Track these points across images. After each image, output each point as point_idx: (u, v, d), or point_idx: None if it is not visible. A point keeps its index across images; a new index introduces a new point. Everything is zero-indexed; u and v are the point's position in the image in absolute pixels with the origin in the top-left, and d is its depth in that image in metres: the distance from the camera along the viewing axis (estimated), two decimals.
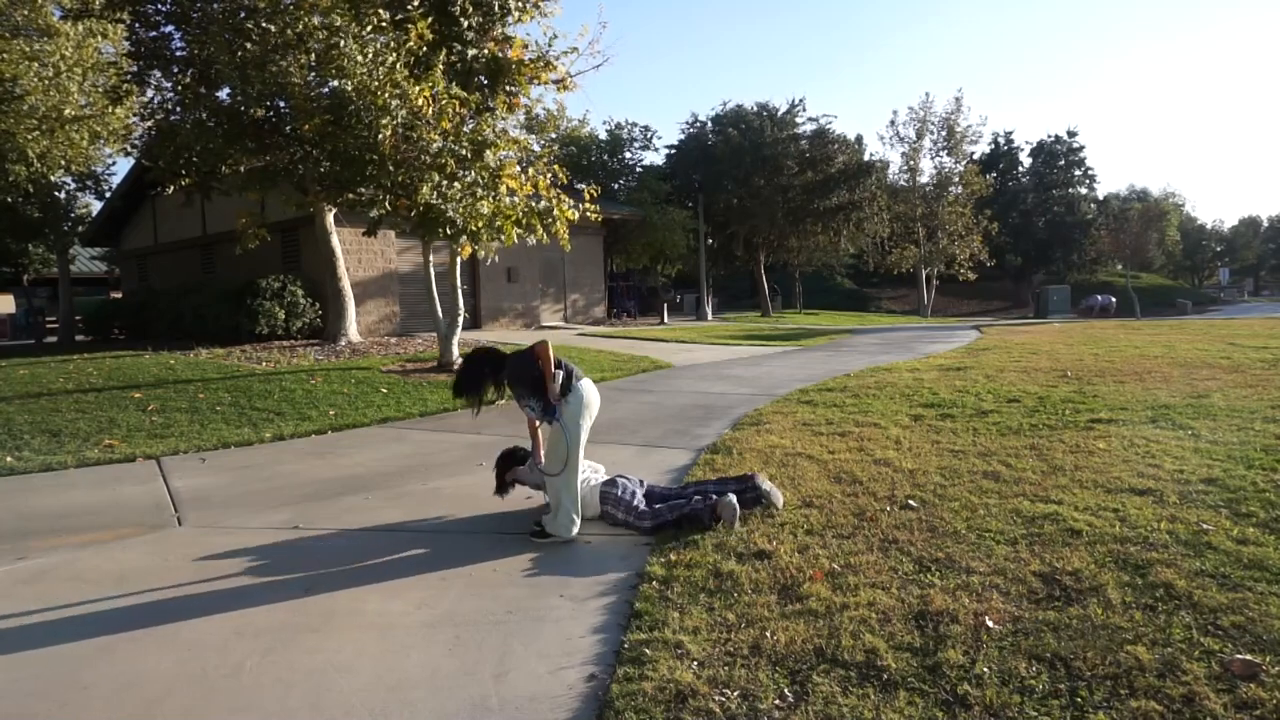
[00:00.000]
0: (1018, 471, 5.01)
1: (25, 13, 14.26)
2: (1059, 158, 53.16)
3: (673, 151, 33.13)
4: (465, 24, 10.35)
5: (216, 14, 10.05)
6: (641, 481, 4.57)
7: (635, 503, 4.31)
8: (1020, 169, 54.11)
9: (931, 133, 37.59)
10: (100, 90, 14.88)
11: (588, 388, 4.30)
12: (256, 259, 16.32)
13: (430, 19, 9.79)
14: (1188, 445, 5.48)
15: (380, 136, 9.18)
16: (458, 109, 9.79)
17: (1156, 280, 57.11)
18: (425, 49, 9.58)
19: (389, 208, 10.20)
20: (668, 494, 4.51)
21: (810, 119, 31.59)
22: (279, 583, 3.76)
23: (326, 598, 3.56)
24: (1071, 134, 53.60)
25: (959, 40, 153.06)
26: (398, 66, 9.14)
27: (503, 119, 11.23)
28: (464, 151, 9.84)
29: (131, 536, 4.57)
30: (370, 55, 9.01)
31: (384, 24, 9.41)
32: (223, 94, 11.08)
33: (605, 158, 33.45)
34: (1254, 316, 24.28)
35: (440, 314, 11.78)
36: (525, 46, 11.21)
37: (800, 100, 31.79)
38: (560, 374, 4.19)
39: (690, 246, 28.75)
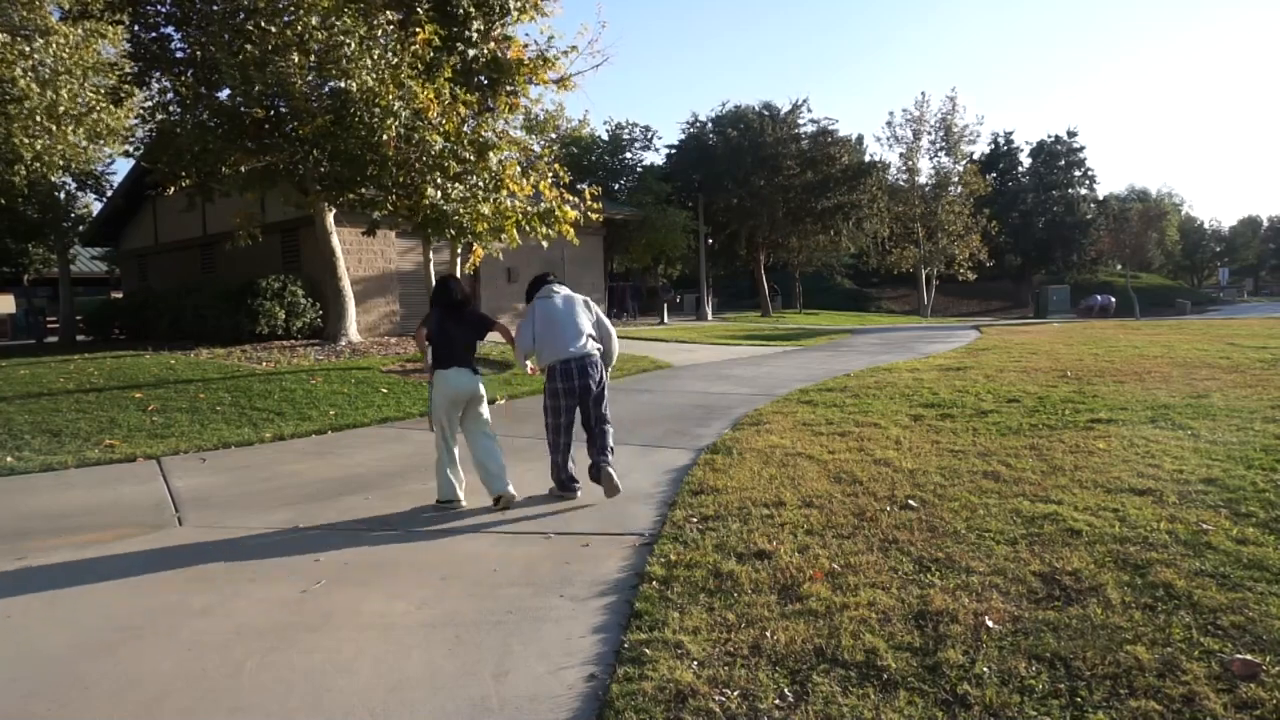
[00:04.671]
0: (1018, 471, 5.01)
1: (24, 14, 14.25)
2: (1059, 158, 53.13)
3: (673, 152, 33.13)
4: (471, 26, 10.36)
5: (216, 15, 10.05)
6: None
7: (553, 420, 4.90)
8: (1020, 169, 54.07)
9: (929, 133, 37.60)
10: (101, 91, 14.86)
11: (444, 378, 4.84)
12: (256, 259, 16.31)
13: (431, 20, 9.80)
14: (1187, 445, 5.48)
15: (385, 137, 9.18)
16: (462, 111, 9.81)
17: (1156, 280, 57.07)
18: (431, 52, 9.60)
19: (390, 208, 10.21)
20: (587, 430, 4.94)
21: (812, 120, 31.61)
22: (279, 583, 3.76)
23: (326, 598, 3.56)
24: (1071, 134, 53.60)
25: (959, 40, 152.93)
26: (403, 68, 9.15)
27: (503, 119, 11.25)
28: (466, 154, 9.86)
29: (131, 536, 4.57)
30: (376, 56, 9.02)
31: (390, 25, 9.42)
32: (223, 94, 11.08)
33: (606, 158, 33.44)
34: (1253, 316, 24.28)
35: None
36: (525, 46, 11.22)
37: (803, 101, 31.71)
38: (430, 349, 4.89)
39: (690, 246, 28.74)
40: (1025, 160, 54.25)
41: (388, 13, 9.52)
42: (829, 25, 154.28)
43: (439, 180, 9.68)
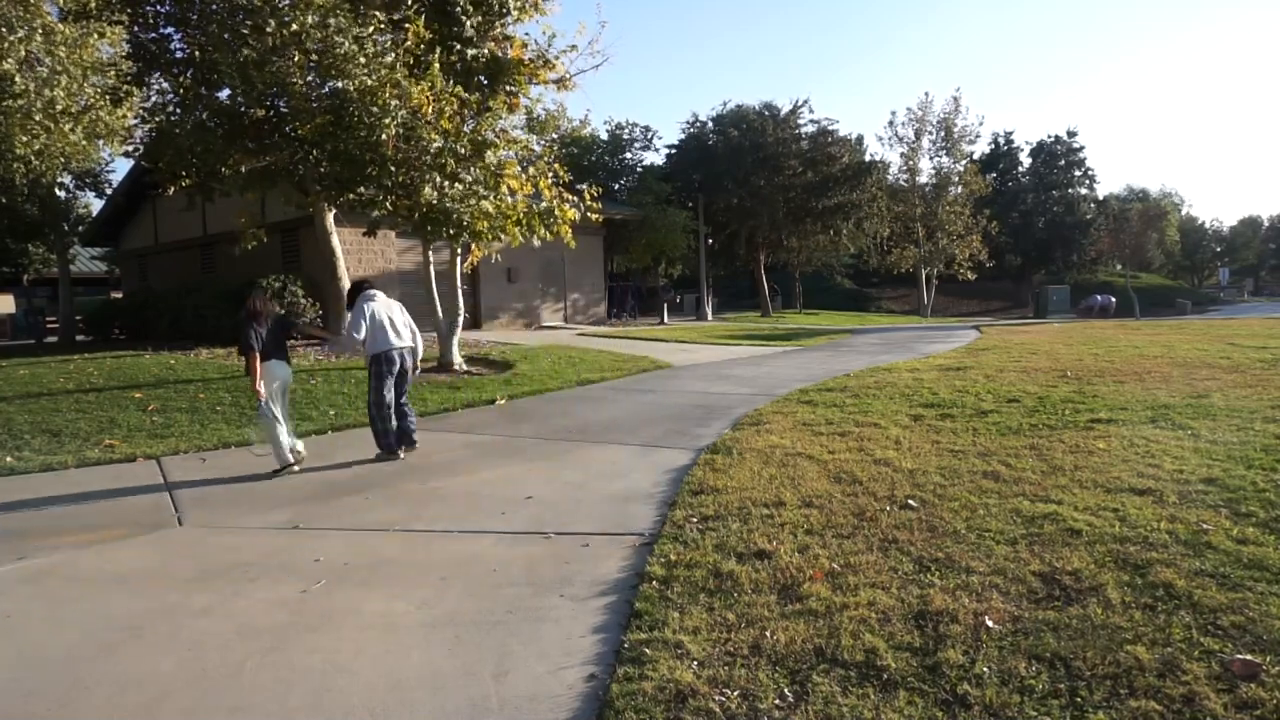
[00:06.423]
0: (1018, 471, 5.01)
1: (20, 12, 14.21)
2: (1059, 158, 53.07)
3: (673, 151, 33.09)
4: (467, 24, 10.35)
5: (215, 15, 10.04)
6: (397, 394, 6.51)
7: (378, 398, 6.32)
8: (1020, 169, 54.01)
9: (930, 133, 37.57)
10: (100, 90, 14.84)
11: (273, 368, 6.03)
12: (256, 259, 16.30)
13: (429, 19, 9.80)
14: (1187, 445, 5.48)
15: (383, 136, 9.18)
16: (457, 109, 9.80)
17: (1156, 280, 57.00)
18: (423, 48, 9.60)
19: (390, 208, 10.21)
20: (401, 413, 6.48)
21: (813, 120, 31.57)
22: (279, 583, 3.76)
23: (326, 598, 3.56)
24: (1071, 134, 53.49)
25: (959, 40, 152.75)
26: (397, 66, 9.15)
27: (503, 119, 11.24)
28: (464, 151, 9.85)
29: (131, 536, 4.57)
30: (370, 55, 9.02)
31: (382, 24, 9.41)
32: (222, 94, 11.07)
33: (606, 158, 33.42)
34: (1253, 316, 24.27)
35: (440, 314, 11.79)
36: (524, 46, 11.22)
37: (805, 101, 31.60)
38: (257, 352, 5.91)
39: (690, 246, 28.73)
40: (1025, 160, 54.20)
41: (378, 13, 9.51)
42: (829, 25, 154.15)
43: (437, 180, 9.68)
